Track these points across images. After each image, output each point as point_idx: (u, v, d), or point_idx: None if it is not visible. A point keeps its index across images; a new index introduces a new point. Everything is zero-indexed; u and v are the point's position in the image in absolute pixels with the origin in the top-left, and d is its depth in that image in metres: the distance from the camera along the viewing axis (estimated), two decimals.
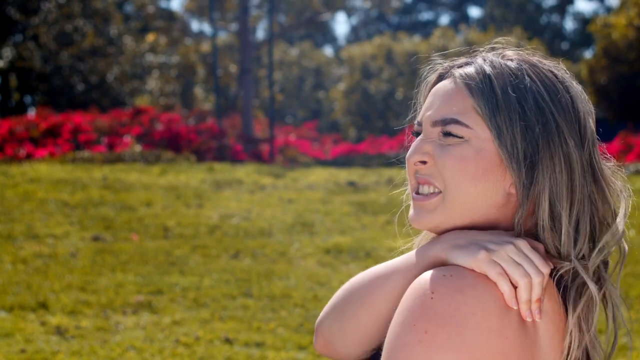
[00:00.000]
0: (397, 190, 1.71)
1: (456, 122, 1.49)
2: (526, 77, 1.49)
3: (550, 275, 1.48)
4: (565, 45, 51.51)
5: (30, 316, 6.64)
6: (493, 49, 1.60)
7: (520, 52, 1.57)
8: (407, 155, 1.55)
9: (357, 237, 9.59)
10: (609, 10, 50.84)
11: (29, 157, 15.98)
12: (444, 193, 1.50)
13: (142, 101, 33.03)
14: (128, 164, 15.44)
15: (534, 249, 1.47)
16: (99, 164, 15.17)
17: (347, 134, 32.28)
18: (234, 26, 23.28)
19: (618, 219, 1.51)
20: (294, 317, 6.77)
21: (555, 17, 52.50)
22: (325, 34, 54.69)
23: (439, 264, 1.47)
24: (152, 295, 7.31)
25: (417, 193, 1.54)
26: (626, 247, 1.56)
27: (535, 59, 1.56)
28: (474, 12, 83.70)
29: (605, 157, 1.56)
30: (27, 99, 35.31)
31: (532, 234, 1.51)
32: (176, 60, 31.97)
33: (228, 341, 6.16)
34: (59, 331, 6.26)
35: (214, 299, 7.25)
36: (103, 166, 14.81)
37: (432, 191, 1.52)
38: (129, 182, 12.83)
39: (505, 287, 1.41)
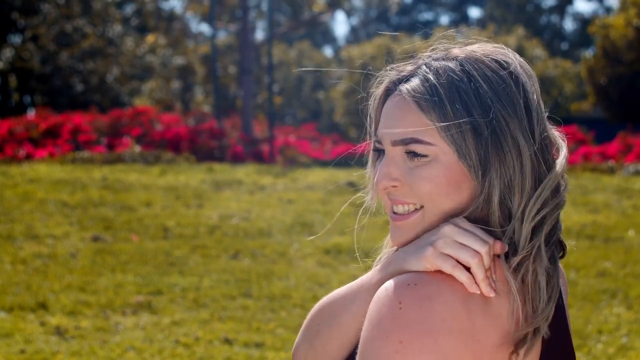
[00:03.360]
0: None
1: (417, 141, 1.48)
2: (471, 80, 1.48)
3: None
4: (564, 46, 51.54)
5: (30, 316, 6.64)
6: (434, 49, 1.58)
7: (464, 48, 1.54)
8: (375, 180, 1.56)
9: (357, 238, 9.57)
10: (608, 10, 50.88)
11: (28, 157, 15.98)
12: (423, 209, 1.50)
13: (141, 102, 33.04)
14: (128, 164, 15.44)
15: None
16: (98, 165, 15.17)
17: (347, 135, 32.27)
18: (233, 27, 23.28)
19: (539, 190, 1.48)
20: (293, 318, 6.77)
21: (554, 18, 52.51)
22: (324, 35, 54.70)
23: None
24: (152, 295, 7.31)
25: (394, 213, 1.54)
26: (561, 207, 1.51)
27: (479, 51, 1.53)
28: (474, 12, 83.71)
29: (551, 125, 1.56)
30: (27, 99, 35.32)
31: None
32: (176, 61, 31.98)
33: (228, 341, 6.16)
34: (59, 331, 6.26)
35: (214, 299, 7.25)
36: (103, 166, 14.81)
37: (410, 209, 1.52)
38: (129, 183, 12.83)
39: (463, 277, 1.41)
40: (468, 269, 1.43)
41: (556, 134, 1.55)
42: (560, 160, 1.51)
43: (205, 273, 8.08)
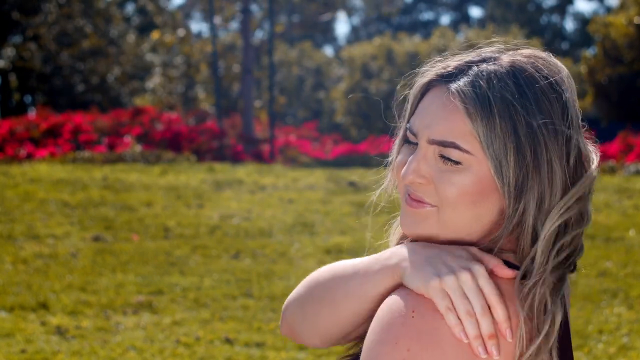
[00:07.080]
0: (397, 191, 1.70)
1: (456, 146, 1.44)
2: (522, 96, 1.45)
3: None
4: (565, 45, 51.54)
5: (31, 316, 6.65)
6: (489, 45, 1.56)
7: (516, 56, 1.51)
8: (402, 173, 1.50)
9: (357, 237, 9.59)
10: (608, 10, 50.83)
11: (29, 157, 15.99)
12: (438, 209, 1.48)
13: (143, 101, 33.03)
14: (128, 164, 15.45)
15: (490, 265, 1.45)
16: (99, 164, 15.17)
17: (348, 134, 32.27)
18: (235, 26, 23.30)
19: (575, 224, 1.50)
20: None
21: (555, 17, 52.52)
22: (325, 34, 54.67)
23: (396, 280, 1.46)
24: (153, 295, 7.32)
25: (409, 196, 1.51)
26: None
27: (530, 63, 1.50)
28: (475, 12, 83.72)
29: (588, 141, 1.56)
30: (28, 99, 35.35)
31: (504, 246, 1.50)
32: (178, 61, 31.97)
33: (228, 341, 6.16)
34: (60, 331, 6.26)
35: (215, 299, 7.26)
36: (103, 166, 14.82)
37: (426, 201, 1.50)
38: (130, 183, 12.84)
39: (452, 321, 1.39)
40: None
41: (590, 149, 1.54)
42: (590, 173, 1.52)
43: (206, 273, 8.08)
